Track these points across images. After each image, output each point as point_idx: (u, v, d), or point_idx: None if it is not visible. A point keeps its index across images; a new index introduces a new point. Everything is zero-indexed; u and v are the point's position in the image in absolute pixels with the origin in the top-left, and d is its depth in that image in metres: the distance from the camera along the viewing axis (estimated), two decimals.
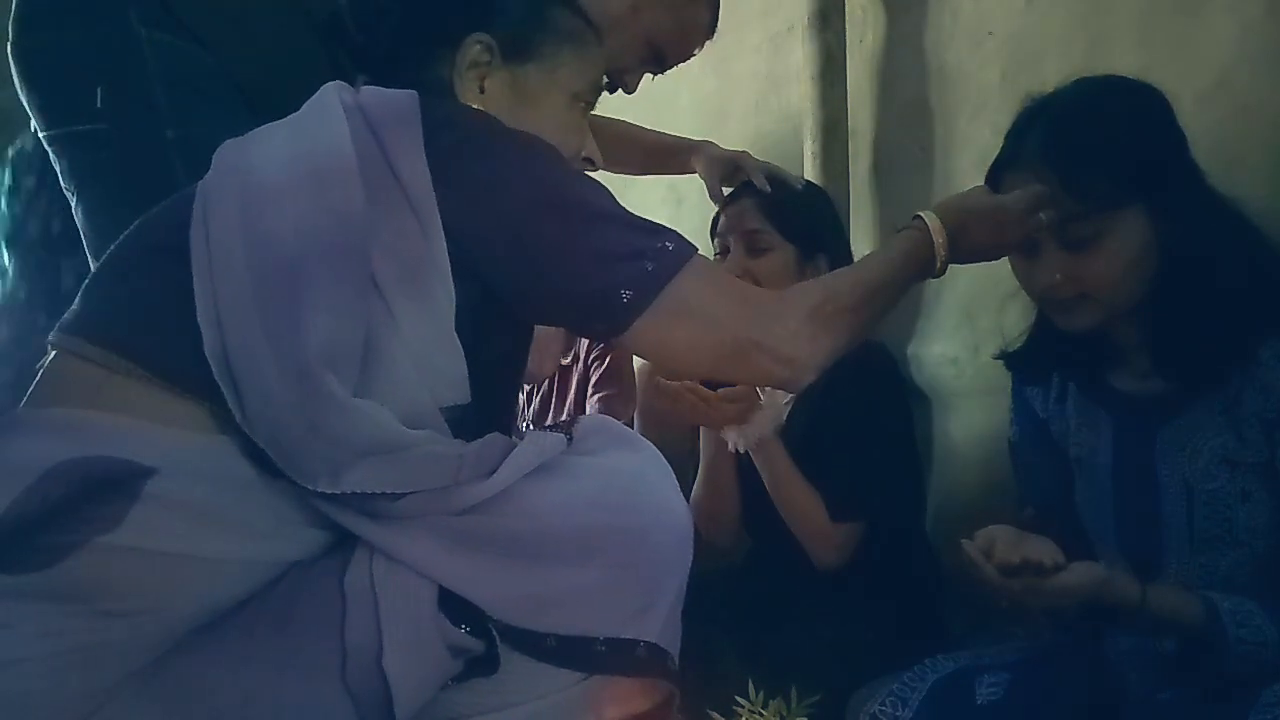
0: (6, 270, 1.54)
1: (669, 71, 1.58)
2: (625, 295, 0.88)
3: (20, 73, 1.23)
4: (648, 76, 1.57)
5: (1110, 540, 1.17)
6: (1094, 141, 1.06)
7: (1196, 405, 1.09)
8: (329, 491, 0.77)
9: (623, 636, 0.81)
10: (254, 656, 0.76)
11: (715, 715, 1.25)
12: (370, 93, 0.93)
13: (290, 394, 0.77)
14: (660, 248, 0.90)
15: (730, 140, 1.86)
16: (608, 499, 0.83)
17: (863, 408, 1.54)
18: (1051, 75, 1.19)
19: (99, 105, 1.18)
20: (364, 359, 0.81)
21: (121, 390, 0.80)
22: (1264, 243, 1.08)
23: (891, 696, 1.14)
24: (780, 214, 1.61)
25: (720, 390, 1.49)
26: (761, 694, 1.24)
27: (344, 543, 0.80)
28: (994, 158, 1.16)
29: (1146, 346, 1.12)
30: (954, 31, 1.76)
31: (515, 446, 0.83)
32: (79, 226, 1.23)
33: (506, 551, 0.79)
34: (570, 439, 0.88)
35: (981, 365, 1.66)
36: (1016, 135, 1.13)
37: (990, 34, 1.69)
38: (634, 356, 2.35)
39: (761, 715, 1.23)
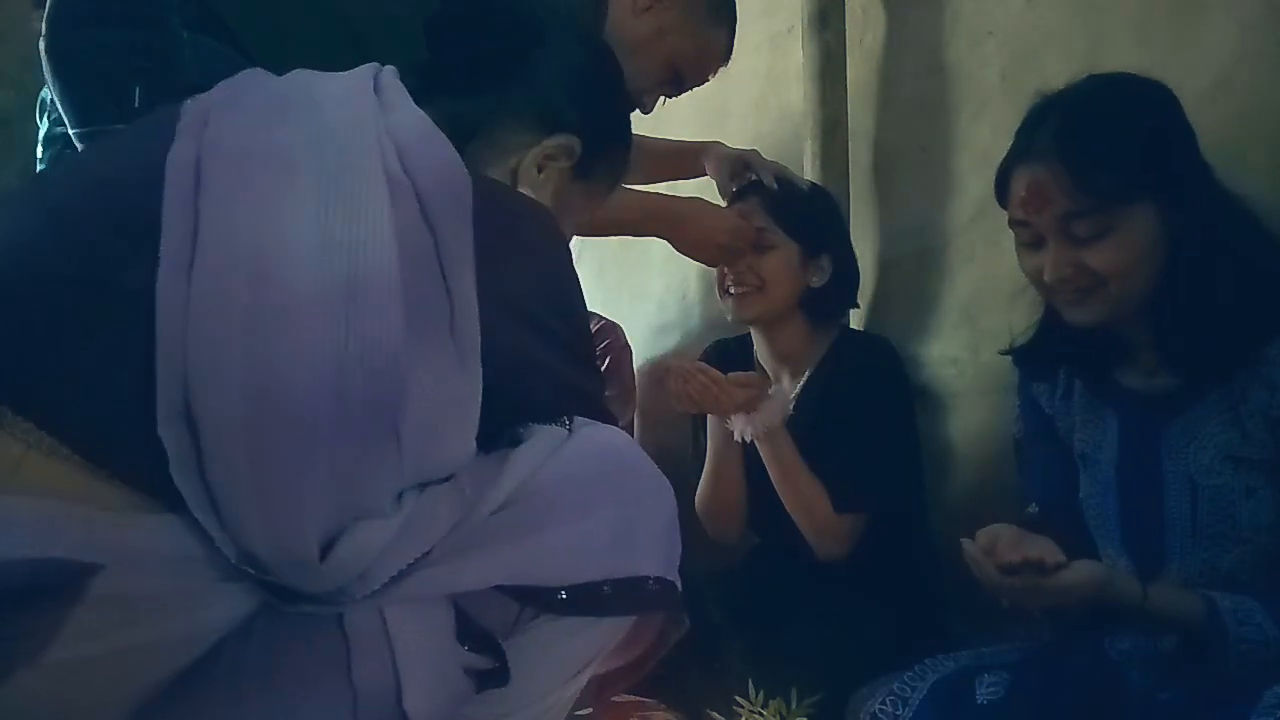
0: None
1: None
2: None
3: (55, 69, 1.23)
4: None
5: (1114, 536, 1.17)
6: (1105, 137, 1.07)
7: (1202, 402, 1.09)
8: (361, 597, 0.70)
9: (632, 575, 0.81)
10: (244, 714, 0.69)
11: (715, 715, 1.25)
12: (419, 158, 0.75)
13: (276, 553, 0.66)
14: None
15: (730, 140, 1.86)
16: (592, 452, 0.84)
17: (867, 400, 1.55)
18: (1051, 75, 1.19)
19: (136, 104, 1.18)
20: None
21: (44, 471, 0.64)
22: (1272, 241, 1.09)
23: (891, 696, 1.14)
24: (785, 212, 1.63)
25: (731, 375, 1.51)
26: (761, 694, 1.24)
27: None
28: (995, 156, 1.17)
29: (1154, 343, 1.12)
30: (954, 31, 1.76)
31: (513, 451, 0.81)
32: None
33: (517, 532, 0.78)
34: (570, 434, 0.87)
35: (982, 365, 1.66)
36: (1028, 130, 1.13)
37: (990, 33, 1.69)
38: (633, 359, 2.35)
39: (761, 715, 1.23)
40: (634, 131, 1.76)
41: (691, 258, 1.68)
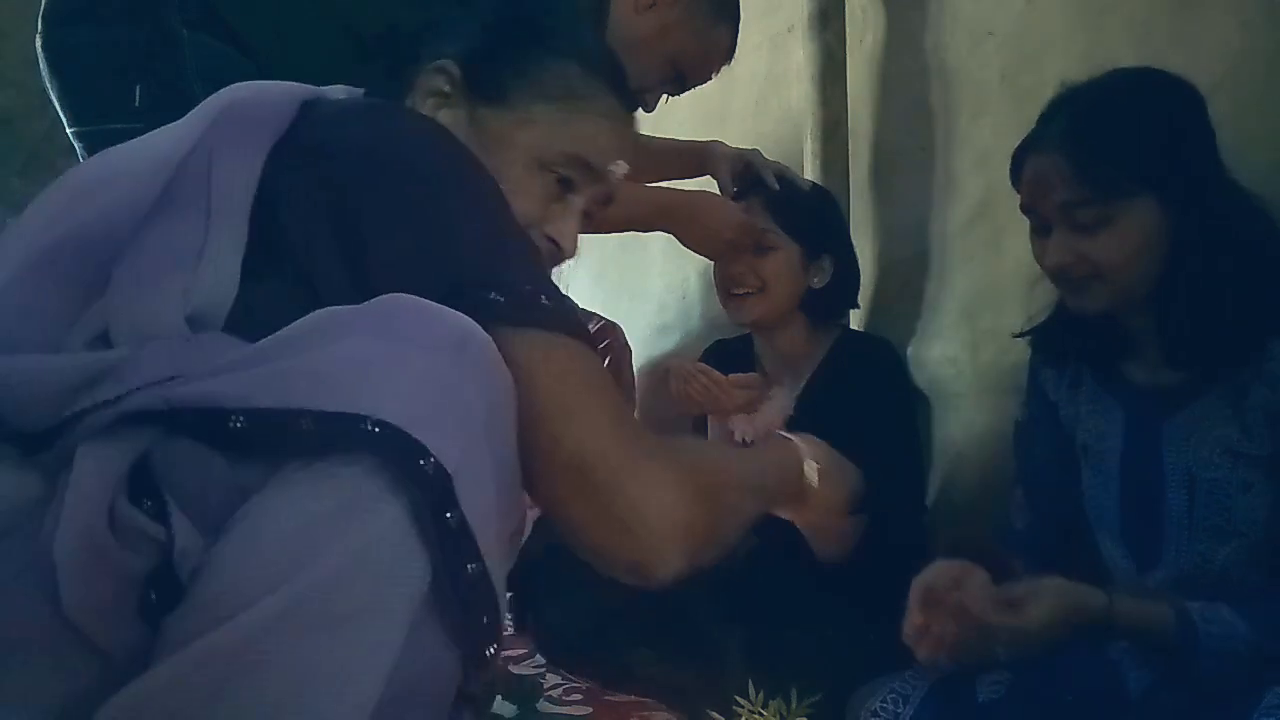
0: None
1: None
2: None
3: (52, 67, 1.22)
4: None
5: (1113, 529, 1.18)
6: (1109, 131, 1.08)
7: (1205, 396, 1.10)
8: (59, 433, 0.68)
9: (349, 411, 0.63)
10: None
11: (715, 715, 1.25)
12: (259, 90, 0.87)
13: None
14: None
15: (730, 140, 1.86)
16: (386, 299, 0.71)
17: (868, 401, 1.55)
18: (1051, 75, 1.19)
19: (137, 103, 1.18)
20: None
21: None
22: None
23: (892, 695, 1.14)
24: (786, 213, 1.63)
25: (731, 376, 1.51)
26: (761, 694, 1.24)
27: None
28: (995, 156, 1.17)
29: (1158, 337, 1.12)
30: (954, 31, 1.76)
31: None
32: None
33: (228, 361, 0.68)
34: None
35: (981, 365, 1.66)
36: (1044, 120, 1.14)
37: (990, 34, 1.69)
38: (634, 359, 2.35)
39: (761, 715, 1.23)
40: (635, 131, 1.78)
41: (696, 252, 1.68)
